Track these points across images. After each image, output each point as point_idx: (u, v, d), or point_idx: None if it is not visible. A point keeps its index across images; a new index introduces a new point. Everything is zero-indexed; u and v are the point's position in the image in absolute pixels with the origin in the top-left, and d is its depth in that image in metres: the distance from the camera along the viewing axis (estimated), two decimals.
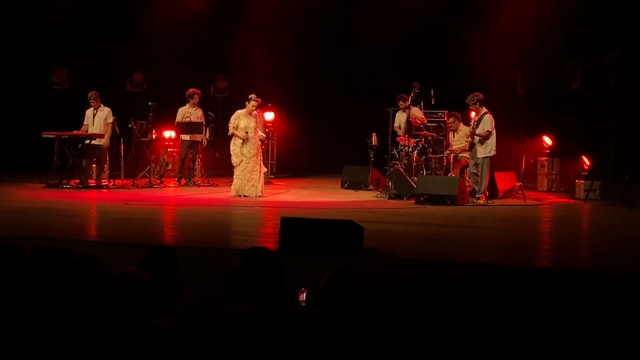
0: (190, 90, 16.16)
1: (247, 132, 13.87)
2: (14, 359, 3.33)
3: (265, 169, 14.85)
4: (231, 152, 14.16)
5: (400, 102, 14.79)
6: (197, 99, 16.15)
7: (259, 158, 14.19)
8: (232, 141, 14.13)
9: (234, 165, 14.08)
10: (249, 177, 13.94)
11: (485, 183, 13.47)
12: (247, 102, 14.02)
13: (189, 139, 16.08)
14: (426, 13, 17.21)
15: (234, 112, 14.18)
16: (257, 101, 14.08)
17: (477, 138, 13.54)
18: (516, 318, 5.96)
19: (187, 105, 16.15)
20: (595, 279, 7.43)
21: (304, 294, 4.26)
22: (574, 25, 15.67)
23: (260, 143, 14.26)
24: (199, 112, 16.19)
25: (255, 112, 14.12)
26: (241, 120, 13.94)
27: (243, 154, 13.97)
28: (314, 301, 4.00)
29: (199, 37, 18.56)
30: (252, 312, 3.50)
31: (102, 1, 18.72)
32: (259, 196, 13.90)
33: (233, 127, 14.00)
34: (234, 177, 14.08)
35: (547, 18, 15.88)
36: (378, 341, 3.64)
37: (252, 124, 13.97)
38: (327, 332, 3.61)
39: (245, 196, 13.82)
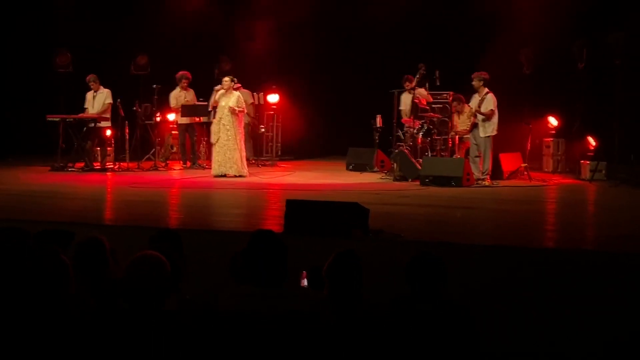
0: (180, 73, 16.18)
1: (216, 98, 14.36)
2: (20, 342, 3.34)
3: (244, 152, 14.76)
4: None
5: (407, 83, 14.77)
6: (186, 83, 16.15)
7: (238, 138, 14.25)
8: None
9: (212, 142, 14.37)
10: (229, 156, 14.07)
11: (489, 163, 13.44)
12: None
13: (185, 122, 16.13)
14: None
15: None
16: (225, 81, 14.39)
17: (480, 117, 13.50)
18: (521, 298, 5.96)
19: (178, 89, 16.20)
20: (600, 260, 7.41)
21: (305, 278, 4.26)
22: (580, 5, 15.54)
23: (239, 122, 14.35)
24: (191, 93, 16.26)
25: (232, 90, 14.38)
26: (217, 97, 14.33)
27: (219, 132, 14.15)
28: (317, 283, 4.00)
29: (202, 20, 18.48)
30: (257, 294, 3.51)
31: None
32: (242, 175, 14.08)
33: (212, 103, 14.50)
34: (214, 154, 14.32)
35: None
36: (382, 322, 3.64)
37: (230, 102, 14.17)
38: (331, 312, 3.61)
39: (235, 175, 14.01)
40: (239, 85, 16.04)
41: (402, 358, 3.57)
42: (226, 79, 14.45)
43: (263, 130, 17.93)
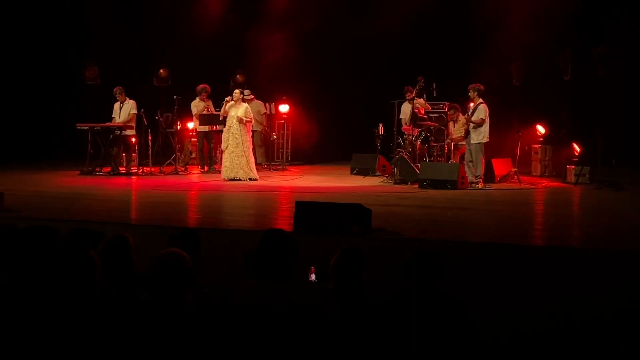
0: (201, 85, 16.25)
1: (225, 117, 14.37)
2: (51, 333, 3.35)
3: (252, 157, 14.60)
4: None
5: (408, 94, 14.83)
6: (206, 95, 16.22)
7: (245, 145, 14.13)
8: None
9: (222, 149, 14.37)
10: (237, 162, 14.05)
11: (481, 167, 13.43)
12: None
13: (204, 130, 16.16)
14: (427, 11, 17.12)
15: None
16: (234, 94, 14.33)
17: (471, 125, 13.49)
18: (511, 291, 5.94)
19: (198, 99, 16.25)
20: (584, 256, 7.39)
21: (313, 273, 4.26)
22: (566, 20, 15.52)
23: (246, 131, 14.25)
24: (209, 104, 16.35)
25: (241, 102, 14.26)
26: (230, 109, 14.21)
27: (229, 140, 14.11)
28: (324, 277, 4.00)
29: (219, 36, 18.54)
30: (268, 288, 3.50)
31: (129, 4, 18.74)
32: (252, 179, 14.04)
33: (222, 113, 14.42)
34: (223, 159, 14.29)
35: (540, 14, 15.74)
36: (383, 313, 3.64)
37: (238, 112, 14.07)
38: (337, 305, 3.61)
39: (238, 179, 13.98)
40: (253, 96, 16.08)
41: (401, 346, 3.56)
42: (236, 91, 14.48)
43: (274, 137, 17.96)
